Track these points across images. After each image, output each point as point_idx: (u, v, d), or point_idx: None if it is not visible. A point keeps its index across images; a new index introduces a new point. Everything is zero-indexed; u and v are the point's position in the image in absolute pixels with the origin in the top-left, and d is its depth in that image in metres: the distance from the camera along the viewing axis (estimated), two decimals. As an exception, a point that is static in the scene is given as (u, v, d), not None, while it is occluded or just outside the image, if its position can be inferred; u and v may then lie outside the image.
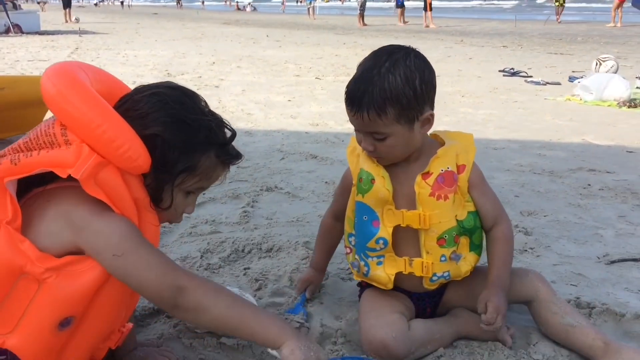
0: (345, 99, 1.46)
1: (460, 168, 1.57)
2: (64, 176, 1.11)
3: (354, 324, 1.73)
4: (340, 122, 4.87)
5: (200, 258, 2.19)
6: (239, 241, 2.34)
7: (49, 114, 4.35)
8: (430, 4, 20.48)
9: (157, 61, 9.27)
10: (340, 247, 1.92)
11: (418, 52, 1.50)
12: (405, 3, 23.40)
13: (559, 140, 4.36)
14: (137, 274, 1.15)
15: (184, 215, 1.34)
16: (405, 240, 1.59)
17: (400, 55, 1.45)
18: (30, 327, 1.15)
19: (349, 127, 4.69)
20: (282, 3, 41.95)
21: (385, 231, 1.56)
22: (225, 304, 1.18)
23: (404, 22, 22.54)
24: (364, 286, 1.75)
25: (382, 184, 1.55)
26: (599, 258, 2.26)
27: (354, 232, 1.66)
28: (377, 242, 1.57)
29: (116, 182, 1.15)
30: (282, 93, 6.39)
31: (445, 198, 1.54)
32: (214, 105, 5.41)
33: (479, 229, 1.63)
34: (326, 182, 3.20)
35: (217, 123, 1.29)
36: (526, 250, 2.33)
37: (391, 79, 1.41)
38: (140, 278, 1.15)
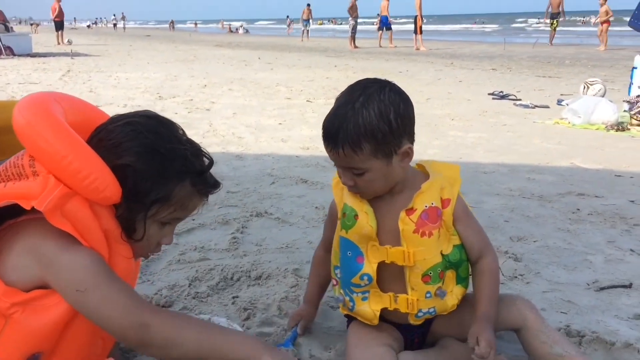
0: (323, 135, 1.46)
1: (444, 202, 1.56)
2: (28, 208, 1.10)
3: (343, 355, 1.71)
4: (330, 145, 4.87)
5: (189, 286, 2.17)
6: (227, 269, 2.32)
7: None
8: (421, 26, 20.72)
9: (148, 84, 9.29)
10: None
11: (394, 85, 1.49)
12: (393, 26, 23.65)
13: (548, 163, 4.40)
14: (100, 311, 1.12)
15: (164, 246, 1.33)
16: (390, 275, 1.57)
17: (374, 90, 1.44)
18: None
19: (340, 151, 4.72)
20: (288, 26, 42.01)
21: (369, 267, 1.55)
22: (193, 335, 1.15)
23: (392, 45, 22.76)
24: (351, 317, 1.73)
25: (366, 220, 1.53)
26: (588, 285, 2.26)
27: (339, 265, 1.65)
28: (361, 278, 1.56)
29: (84, 213, 1.13)
30: (273, 116, 6.41)
31: (430, 235, 1.53)
32: (204, 129, 5.51)
33: (465, 261, 1.63)
34: (316, 207, 3.20)
35: (193, 151, 1.27)
36: (516, 277, 2.32)
37: (365, 114, 1.40)
38: (103, 315, 1.12)
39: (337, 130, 1.41)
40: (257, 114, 6.54)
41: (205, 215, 2.98)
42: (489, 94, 8.32)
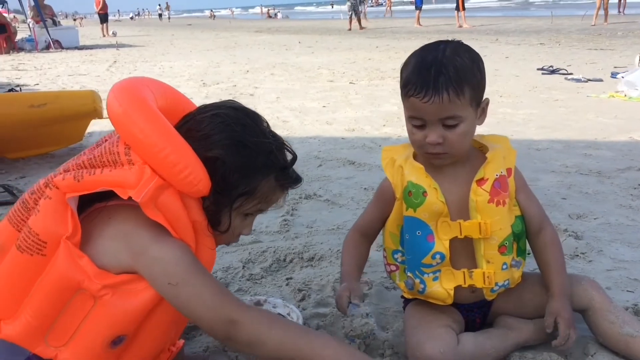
0: (413, 86, 1.38)
1: (508, 171, 1.52)
2: (125, 197, 1.11)
3: (401, 335, 1.68)
4: (376, 126, 4.82)
5: (243, 268, 2.18)
6: (280, 250, 2.33)
7: (89, 128, 4.41)
8: (463, 3, 20.14)
9: (192, 71, 9.40)
10: (378, 256, 1.89)
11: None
12: (428, 6, 23.11)
13: (605, 139, 4.21)
14: (190, 306, 1.14)
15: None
16: (460, 251, 1.52)
17: (455, 43, 1.44)
18: (83, 342, 1.15)
19: (386, 132, 4.67)
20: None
21: (441, 245, 1.50)
22: (279, 336, 1.16)
23: (419, 24, 22.26)
24: (408, 299, 1.70)
25: (436, 195, 1.48)
26: (655, 262, 2.16)
27: (400, 249, 1.60)
28: (433, 257, 1.50)
29: (176, 205, 1.14)
30: (316, 99, 6.38)
31: (504, 203, 1.49)
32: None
33: (524, 233, 1.58)
34: (365, 189, 3.16)
35: (277, 146, 1.27)
36: (577, 255, 2.24)
37: (459, 60, 1.38)
38: (193, 309, 1.14)
39: (437, 75, 1.35)
40: (301, 98, 6.52)
41: (254, 199, 2.99)
42: (538, 69, 8.04)
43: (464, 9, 20.26)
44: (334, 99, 6.33)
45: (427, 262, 1.52)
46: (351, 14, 22.01)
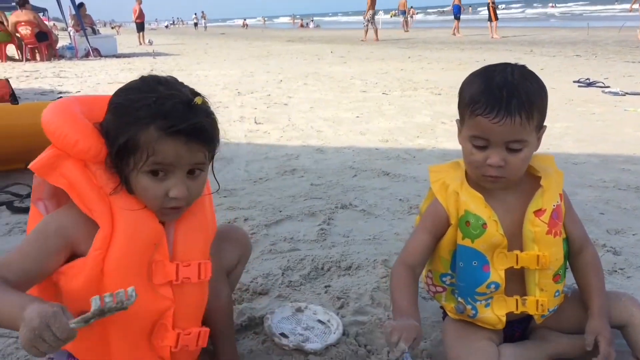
0: (483, 105, 1.37)
1: (560, 197, 1.53)
2: (28, 167, 1.29)
3: (439, 345, 1.71)
4: (410, 137, 4.85)
5: (282, 275, 2.24)
6: (318, 259, 2.38)
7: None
8: (495, 13, 20.00)
9: (227, 80, 9.56)
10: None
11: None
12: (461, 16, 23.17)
13: (643, 153, 4.16)
14: None
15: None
16: (513, 278, 1.53)
17: (520, 66, 1.45)
18: None
19: (419, 143, 4.69)
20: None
21: (497, 275, 1.50)
22: None
23: (456, 33, 22.24)
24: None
25: (496, 228, 1.47)
26: (697, 280, 2.14)
27: (449, 273, 1.59)
28: (488, 286, 1.51)
29: (76, 171, 1.26)
30: (349, 109, 6.44)
31: (560, 233, 1.50)
32: (284, 123, 5.63)
33: (567, 254, 1.59)
34: (400, 200, 3.19)
35: (161, 99, 1.23)
36: (615, 271, 2.23)
37: (528, 84, 1.39)
38: None
39: (510, 97, 1.35)
40: (334, 108, 6.59)
41: (291, 208, 3.06)
42: (574, 82, 7.96)
43: (496, 19, 20.12)
44: (367, 110, 6.38)
45: (481, 291, 1.52)
46: (367, 24, 22.12)
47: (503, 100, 1.36)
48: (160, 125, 1.20)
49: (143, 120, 1.21)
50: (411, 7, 36.55)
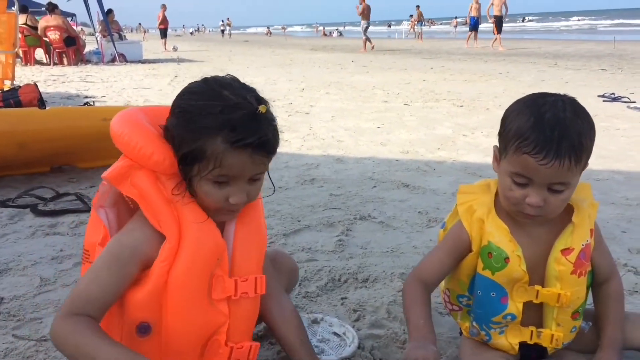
0: (532, 144, 1.30)
1: (590, 233, 1.48)
2: (103, 178, 1.34)
3: (455, 361, 1.71)
4: (430, 149, 4.84)
5: (299, 286, 2.25)
6: (335, 270, 2.38)
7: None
8: (497, 26, 19.99)
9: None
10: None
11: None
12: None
13: (669, 171, 4.09)
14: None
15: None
16: (530, 310, 1.51)
17: (570, 99, 1.37)
18: (116, 331, 1.33)
19: (440, 155, 4.68)
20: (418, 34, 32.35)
21: (514, 307, 1.49)
22: (73, 346, 1.14)
23: (476, 45, 22.21)
24: None
25: (518, 263, 1.44)
26: None
27: (467, 294, 1.58)
28: (504, 317, 1.50)
29: (148, 182, 1.28)
30: (371, 119, 6.45)
31: (585, 274, 1.48)
32: (305, 132, 5.66)
33: (591, 285, 1.58)
34: (419, 212, 3.19)
35: (229, 107, 1.20)
36: (637, 292, 2.20)
37: (579, 124, 1.31)
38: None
39: (560, 138, 1.28)
40: (355, 118, 6.60)
41: (310, 217, 3.07)
42: (599, 96, 7.85)
43: (498, 32, 20.15)
44: (389, 120, 6.38)
45: (497, 321, 1.51)
46: (366, 36, 22.27)
47: (554, 141, 1.28)
48: (227, 137, 1.19)
49: (210, 130, 1.20)
50: (429, 19, 36.66)
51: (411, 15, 25.24)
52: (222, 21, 57.21)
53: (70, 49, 14.89)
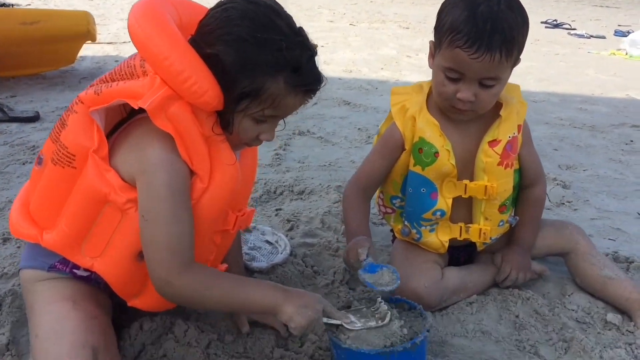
0: (464, 37, 1.28)
1: (518, 128, 1.49)
2: (135, 107, 1.10)
3: (386, 268, 1.72)
4: (374, 69, 4.76)
5: (233, 197, 2.19)
6: (270, 183, 2.34)
7: (82, 51, 4.30)
8: None
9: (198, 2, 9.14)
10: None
11: None
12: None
13: (602, 94, 4.21)
14: (146, 247, 1.13)
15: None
16: (459, 207, 1.52)
17: None
18: (114, 254, 1.19)
19: (383, 75, 4.62)
20: None
21: (444, 203, 1.49)
22: (216, 294, 1.15)
23: None
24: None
25: (447, 157, 1.44)
26: (638, 214, 2.20)
27: (400, 195, 1.58)
28: (434, 213, 1.50)
29: (186, 117, 1.10)
30: (315, 38, 6.07)
31: (512, 165, 1.49)
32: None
33: (518, 185, 1.60)
34: (359, 129, 3.16)
35: (290, 44, 1.11)
36: (564, 204, 2.27)
37: (512, 17, 1.29)
38: (146, 252, 1.13)
39: (493, 31, 1.26)
40: (299, 36, 6.39)
41: (248, 132, 2.98)
42: (542, 23, 7.92)
43: None
44: (333, 40, 6.22)
45: (427, 217, 1.52)
46: None
47: (485, 34, 1.26)
48: (289, 78, 1.11)
49: (272, 69, 1.10)
50: None
51: None
52: None
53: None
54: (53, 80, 3.79)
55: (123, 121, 1.24)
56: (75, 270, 1.25)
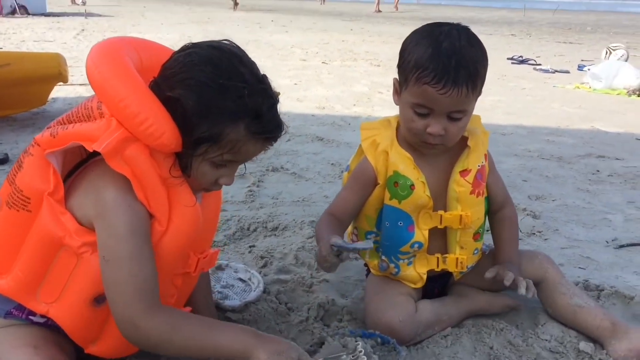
0: (431, 74, 1.32)
1: (485, 157, 1.54)
2: (90, 150, 1.09)
3: (360, 302, 1.71)
4: (346, 105, 4.83)
5: (206, 235, 2.17)
6: (244, 219, 2.33)
7: (53, 93, 4.28)
8: None
9: (164, 44, 9.21)
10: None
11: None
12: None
13: (568, 126, 4.33)
14: (108, 289, 1.10)
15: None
16: (435, 237, 1.54)
17: (464, 28, 1.40)
18: (70, 299, 1.16)
19: (355, 111, 4.69)
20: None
21: (421, 235, 1.51)
22: (184, 337, 1.11)
23: (379, 10, 23.49)
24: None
25: (423, 190, 1.47)
26: (607, 242, 2.24)
27: (374, 231, 1.58)
28: (412, 246, 1.52)
29: (142, 159, 1.09)
30: (288, 77, 6.35)
31: (482, 194, 1.52)
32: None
33: (488, 212, 1.62)
34: (332, 164, 3.18)
35: (252, 91, 1.11)
36: (534, 234, 2.30)
37: (473, 52, 1.35)
38: (109, 295, 1.11)
39: (457, 67, 1.31)
40: (272, 74, 6.25)
41: (221, 170, 2.98)
42: (508, 59, 8.17)
43: None
44: (306, 77, 6.31)
45: (405, 250, 1.53)
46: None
47: (451, 70, 1.30)
48: (250, 125, 1.11)
49: (233, 114, 1.10)
50: None
51: None
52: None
53: (-38, -2, 13.58)
54: (24, 122, 3.76)
55: (82, 162, 1.22)
56: (31, 317, 1.21)
